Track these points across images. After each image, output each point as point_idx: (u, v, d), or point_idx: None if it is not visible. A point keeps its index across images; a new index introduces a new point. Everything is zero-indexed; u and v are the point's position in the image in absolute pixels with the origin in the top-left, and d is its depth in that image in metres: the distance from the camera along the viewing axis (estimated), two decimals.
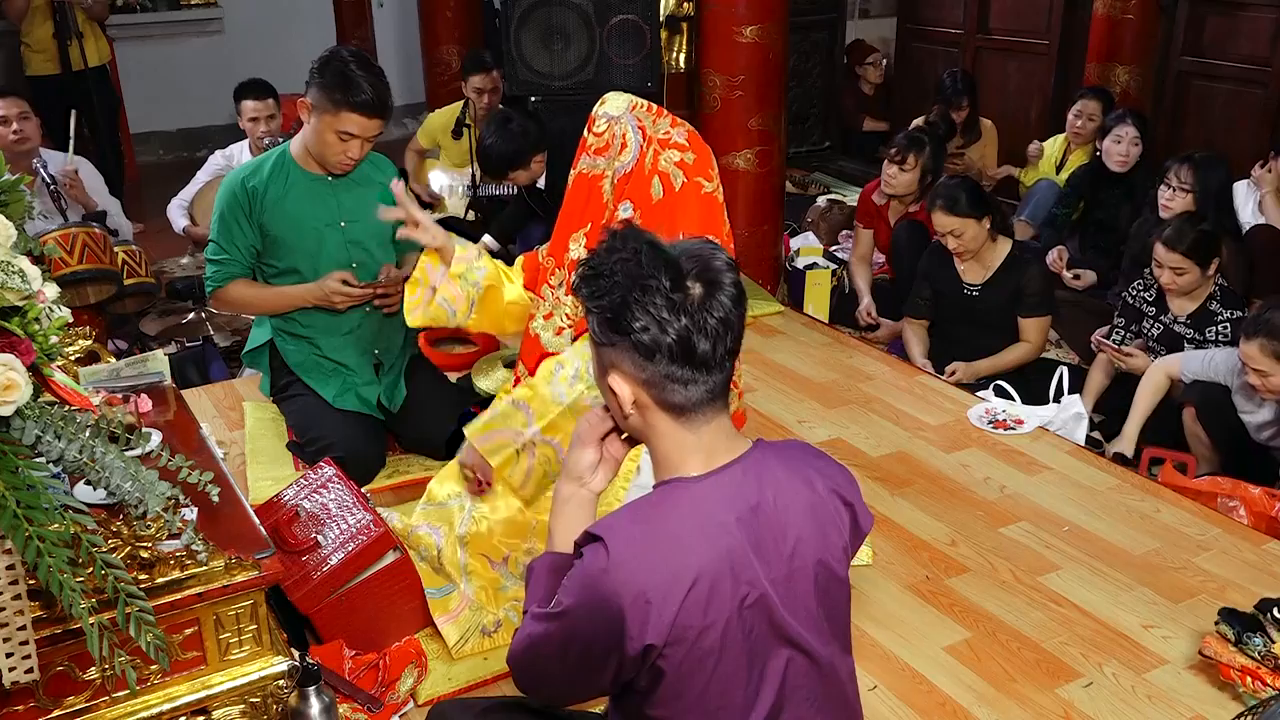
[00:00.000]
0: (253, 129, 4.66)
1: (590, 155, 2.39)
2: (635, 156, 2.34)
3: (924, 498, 2.96)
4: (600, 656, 1.37)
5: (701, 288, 1.38)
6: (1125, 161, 4.59)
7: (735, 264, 1.44)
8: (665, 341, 1.37)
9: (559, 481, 1.60)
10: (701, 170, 2.35)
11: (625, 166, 2.35)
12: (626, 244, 1.40)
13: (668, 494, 1.43)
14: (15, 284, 1.50)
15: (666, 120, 2.36)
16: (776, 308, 4.32)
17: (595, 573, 1.35)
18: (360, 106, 2.75)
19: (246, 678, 1.75)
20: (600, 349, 1.45)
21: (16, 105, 4.19)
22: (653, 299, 1.36)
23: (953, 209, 3.69)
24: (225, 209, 2.92)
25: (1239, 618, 2.23)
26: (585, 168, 2.41)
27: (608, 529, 1.37)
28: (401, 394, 3.10)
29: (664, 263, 1.38)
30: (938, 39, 6.96)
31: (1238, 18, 5.39)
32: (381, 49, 7.81)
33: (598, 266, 1.41)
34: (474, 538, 2.43)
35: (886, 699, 2.23)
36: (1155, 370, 3.40)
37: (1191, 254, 3.38)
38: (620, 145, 2.35)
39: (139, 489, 1.56)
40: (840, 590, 1.49)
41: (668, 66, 4.74)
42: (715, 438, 1.44)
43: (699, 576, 1.34)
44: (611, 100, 2.40)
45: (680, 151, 2.34)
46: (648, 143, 2.33)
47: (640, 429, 1.47)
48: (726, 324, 1.39)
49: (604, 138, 2.38)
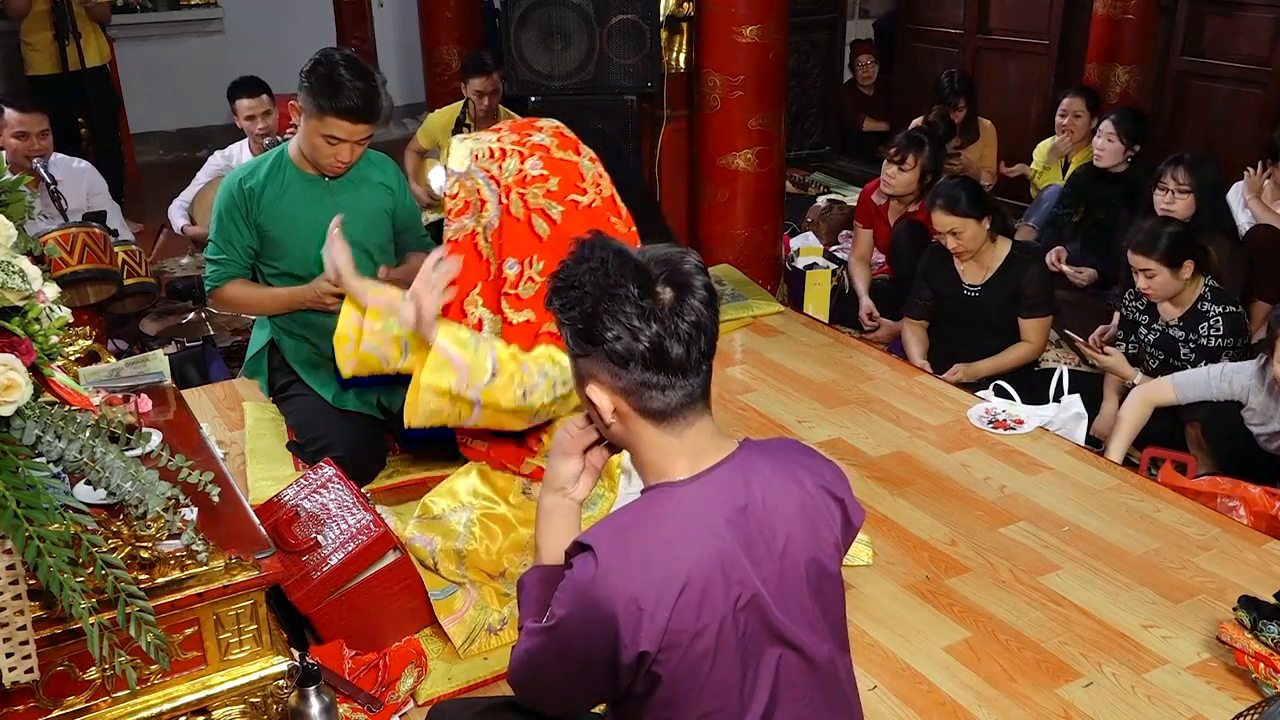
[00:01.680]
0: (250, 127, 4.67)
1: (454, 218, 2.32)
2: (497, 209, 2.26)
3: (924, 498, 2.96)
4: (597, 665, 1.37)
5: (672, 292, 1.38)
6: (1101, 155, 4.60)
7: (704, 266, 1.44)
8: (638, 349, 1.36)
9: (542, 493, 1.60)
10: (570, 188, 2.29)
11: (492, 222, 2.27)
12: (594, 253, 1.40)
13: (655, 499, 1.42)
14: (15, 284, 1.50)
15: (515, 159, 2.27)
16: (776, 308, 4.32)
17: (585, 582, 1.34)
18: (344, 112, 2.74)
19: (246, 678, 1.75)
20: (576, 360, 1.45)
21: (39, 123, 4.29)
22: (622, 307, 1.36)
23: (953, 208, 3.69)
24: (223, 210, 2.93)
25: (1257, 605, 2.24)
26: (453, 233, 2.33)
27: (596, 537, 1.37)
28: (401, 394, 3.09)
29: (632, 270, 1.38)
30: (937, 39, 6.96)
31: (1238, 18, 5.39)
32: (381, 49, 7.82)
33: (567, 278, 1.41)
34: (471, 554, 2.43)
35: (886, 699, 2.23)
36: (1139, 403, 3.27)
37: (1159, 257, 3.34)
38: (479, 202, 2.29)
39: (139, 489, 1.56)
40: (834, 587, 1.49)
41: (668, 66, 4.74)
42: (699, 440, 1.44)
43: (689, 580, 1.34)
44: (454, 154, 2.31)
45: (542, 183, 2.26)
46: (505, 191, 2.26)
47: (623, 437, 1.46)
48: (699, 327, 1.39)
49: (460, 197, 2.31)
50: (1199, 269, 3.41)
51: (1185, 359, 3.44)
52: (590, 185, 2.33)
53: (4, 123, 4.24)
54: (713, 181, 4.52)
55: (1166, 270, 3.36)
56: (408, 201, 3.14)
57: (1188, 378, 3.24)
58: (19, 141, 4.22)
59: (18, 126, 4.23)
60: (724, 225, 4.52)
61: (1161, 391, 3.27)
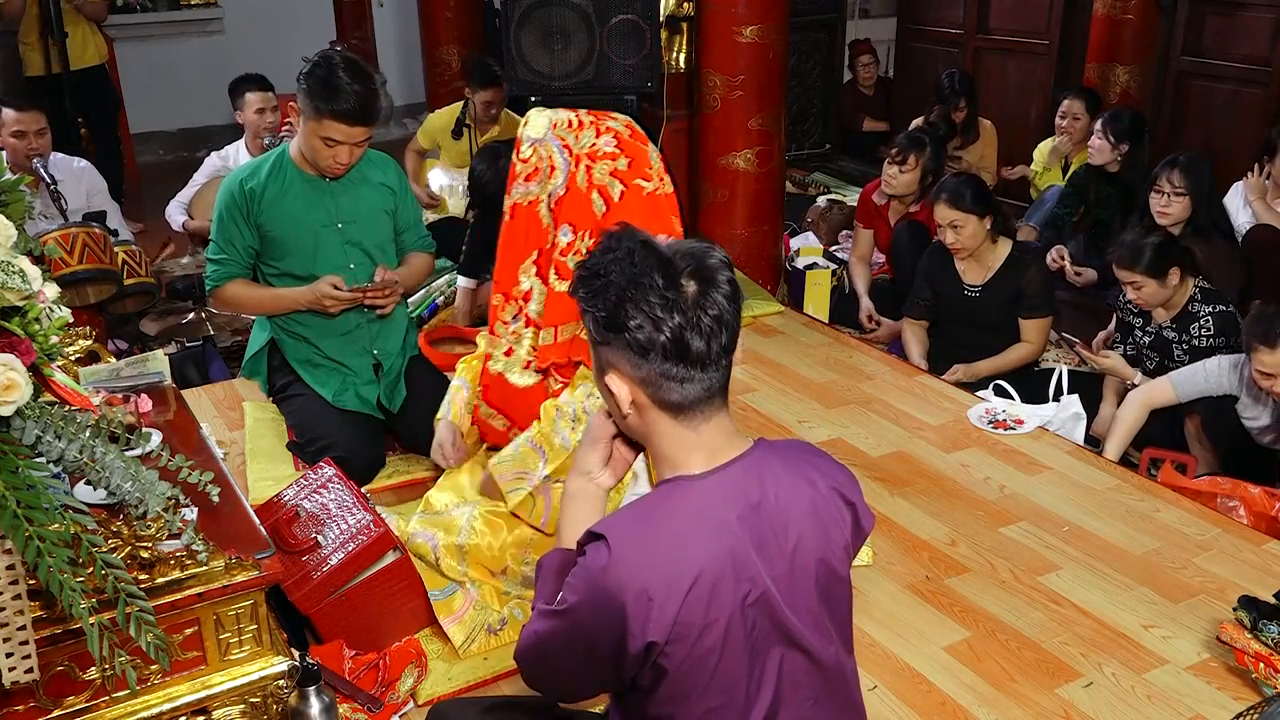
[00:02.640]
0: (259, 121, 4.67)
1: (522, 182, 2.36)
2: (565, 177, 2.30)
3: (924, 498, 2.96)
4: (604, 653, 1.37)
5: (696, 285, 1.38)
6: (1095, 154, 4.61)
7: (730, 262, 1.45)
8: (659, 339, 1.37)
9: (569, 477, 1.61)
10: (638, 172, 2.32)
11: (558, 189, 2.31)
12: (620, 244, 1.41)
13: (670, 492, 1.43)
14: (15, 284, 1.50)
15: (590, 131, 2.32)
16: (776, 308, 4.32)
17: (597, 570, 1.35)
18: (341, 115, 2.74)
19: (246, 678, 1.75)
20: (598, 348, 1.46)
21: (36, 121, 4.30)
22: (646, 297, 1.37)
23: (956, 202, 3.70)
24: (224, 210, 2.93)
25: (1257, 605, 2.24)
26: (518, 196, 2.37)
27: (609, 527, 1.38)
28: (401, 394, 3.10)
29: (657, 261, 1.39)
30: (938, 39, 6.96)
31: (1238, 18, 5.39)
32: (381, 49, 7.81)
33: (593, 267, 1.42)
34: (473, 549, 2.43)
35: (886, 699, 2.23)
36: (1138, 405, 3.30)
37: (1143, 269, 3.35)
38: (549, 168, 2.32)
39: (139, 489, 1.56)
40: (842, 589, 1.50)
41: (668, 66, 4.74)
42: (715, 435, 1.44)
43: (700, 574, 1.35)
44: (533, 121, 2.36)
45: (612, 160, 2.30)
46: (575, 161, 2.29)
47: (639, 428, 1.47)
48: (721, 321, 1.39)
49: (531, 162, 2.34)
50: (1186, 272, 3.42)
51: (1179, 360, 3.44)
52: (656, 175, 2.37)
53: (1, 121, 4.26)
54: (713, 181, 4.53)
55: (1153, 281, 3.38)
56: (409, 202, 3.14)
57: (1184, 375, 3.27)
58: (17, 140, 4.24)
59: (15, 125, 4.24)
60: (724, 225, 4.52)
61: (1161, 392, 3.28)
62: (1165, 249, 3.38)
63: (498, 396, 2.51)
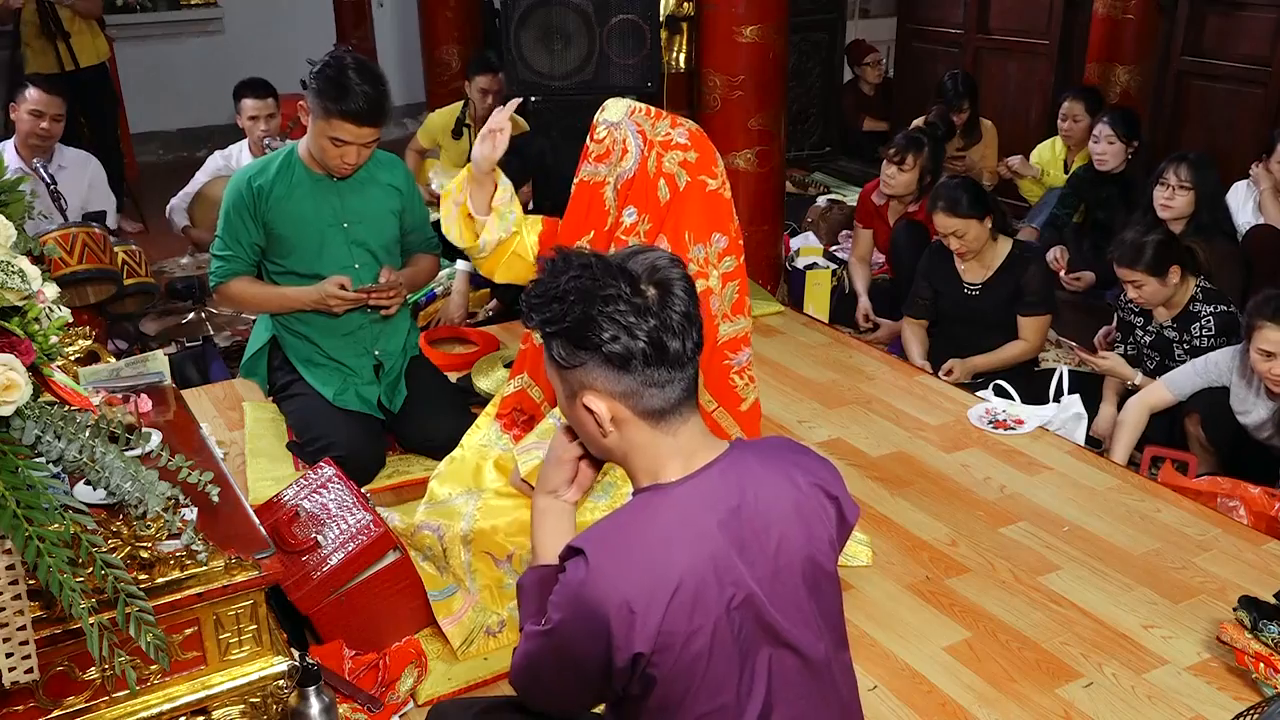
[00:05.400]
0: (252, 128, 4.67)
1: (591, 162, 2.41)
2: (636, 162, 2.36)
3: (924, 498, 2.96)
4: (592, 667, 1.37)
5: (655, 289, 1.39)
6: (1104, 160, 4.61)
7: (679, 259, 1.46)
8: (638, 346, 1.37)
9: (535, 494, 1.61)
10: (705, 168, 2.37)
11: (627, 172, 2.36)
12: (571, 262, 1.40)
13: (647, 502, 1.43)
14: (15, 284, 1.50)
15: (666, 122, 2.38)
16: (776, 308, 4.32)
17: (576, 585, 1.35)
18: (350, 115, 2.75)
19: (246, 678, 1.75)
20: (566, 373, 1.43)
21: (56, 105, 4.36)
22: (616, 306, 1.36)
23: (954, 210, 3.69)
24: (230, 207, 2.94)
25: (1257, 605, 2.24)
26: (587, 175, 2.42)
27: (587, 540, 1.38)
28: (402, 394, 3.10)
29: (616, 269, 1.39)
30: (938, 39, 6.96)
31: (1238, 18, 5.39)
32: (381, 49, 7.81)
33: (546, 292, 1.40)
34: (478, 535, 2.43)
35: (886, 699, 2.23)
36: (1138, 407, 3.31)
37: (1143, 268, 3.35)
38: (621, 151, 2.37)
39: (139, 489, 1.56)
40: (830, 585, 1.50)
41: (668, 66, 4.74)
42: (692, 439, 1.44)
43: (682, 582, 1.34)
44: (611, 107, 2.42)
45: (682, 151, 2.36)
46: (649, 147, 2.35)
47: (617, 447, 1.46)
48: (689, 318, 1.41)
49: (604, 144, 2.40)
50: (1188, 271, 3.42)
51: (1180, 359, 3.44)
52: (720, 176, 2.41)
53: (24, 98, 4.31)
54: None
55: (1153, 280, 3.37)
56: (416, 203, 3.14)
57: (1176, 377, 3.28)
58: (32, 119, 4.29)
59: (35, 104, 4.30)
60: None
61: (1158, 395, 3.29)
62: (1166, 247, 3.38)
63: (536, 367, 2.54)
